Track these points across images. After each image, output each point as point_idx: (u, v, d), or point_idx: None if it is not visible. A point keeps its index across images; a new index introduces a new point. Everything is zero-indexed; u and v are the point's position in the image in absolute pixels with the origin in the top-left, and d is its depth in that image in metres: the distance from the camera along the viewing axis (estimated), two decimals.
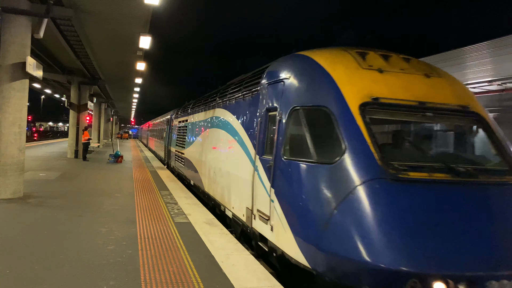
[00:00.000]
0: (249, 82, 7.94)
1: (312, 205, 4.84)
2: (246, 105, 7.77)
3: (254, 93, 7.34)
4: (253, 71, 8.32)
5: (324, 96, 5.29)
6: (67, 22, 14.01)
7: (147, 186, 13.70)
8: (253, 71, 8.30)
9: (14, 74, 10.13)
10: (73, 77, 24.74)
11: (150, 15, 13.02)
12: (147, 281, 5.05)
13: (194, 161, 13.30)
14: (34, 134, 59.29)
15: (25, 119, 10.69)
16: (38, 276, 5.08)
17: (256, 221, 6.54)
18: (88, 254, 6.04)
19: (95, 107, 36.44)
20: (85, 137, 22.75)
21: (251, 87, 7.68)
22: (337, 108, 5.05)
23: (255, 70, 8.18)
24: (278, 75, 6.42)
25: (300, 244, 4.95)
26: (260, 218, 6.29)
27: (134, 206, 9.94)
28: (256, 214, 6.50)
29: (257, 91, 7.23)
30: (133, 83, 29.23)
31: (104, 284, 4.91)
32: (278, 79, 6.35)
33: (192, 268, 5.63)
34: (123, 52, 18.69)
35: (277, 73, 6.54)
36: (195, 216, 9.17)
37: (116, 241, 6.80)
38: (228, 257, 6.20)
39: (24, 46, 10.39)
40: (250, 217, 6.86)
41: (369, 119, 4.94)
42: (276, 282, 5.28)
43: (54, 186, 12.65)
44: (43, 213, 8.77)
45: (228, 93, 9.63)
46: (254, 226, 6.67)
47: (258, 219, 6.38)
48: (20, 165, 10.49)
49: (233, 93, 9.03)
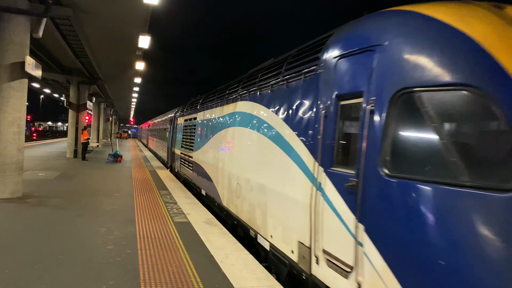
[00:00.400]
0: (298, 61, 5.82)
1: (468, 265, 2.87)
2: (292, 93, 5.71)
3: (308, 75, 5.30)
4: (301, 46, 6.25)
5: (466, 69, 3.25)
6: (66, 21, 14.00)
7: (146, 185, 13.69)
8: (302, 46, 6.18)
9: (13, 73, 10.12)
10: (72, 76, 24.75)
11: (149, 15, 13.01)
12: (146, 281, 5.05)
13: (207, 166, 11.18)
14: (33, 134, 59.27)
15: (24, 118, 10.69)
16: (37, 276, 5.07)
17: (321, 267, 4.49)
18: (87, 254, 6.03)
19: (94, 107, 36.42)
20: (84, 137, 22.76)
21: (301, 67, 5.60)
22: (498, 86, 3.04)
23: (305, 44, 6.11)
24: (360, 42, 4.28)
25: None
26: (330, 264, 4.28)
27: (133, 205, 9.94)
28: (321, 257, 4.47)
29: (313, 72, 5.16)
30: (132, 82, 29.23)
31: (104, 284, 4.90)
32: (361, 49, 4.21)
33: (191, 268, 5.63)
34: (122, 51, 18.70)
35: (356, 40, 4.41)
36: (194, 215, 9.17)
37: (115, 241, 6.79)
38: (227, 257, 6.20)
39: (23, 46, 10.38)
40: (307, 259, 4.80)
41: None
42: (275, 281, 5.28)
43: (53, 185, 12.63)
44: (42, 213, 8.76)
45: (257, 80, 7.44)
46: (316, 273, 4.60)
47: (326, 266, 4.37)
48: (19, 164, 10.48)
49: (267, 80, 6.92)
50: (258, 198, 6.66)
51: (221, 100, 10.21)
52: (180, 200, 11.15)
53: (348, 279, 3.92)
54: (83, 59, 20.90)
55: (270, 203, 6.14)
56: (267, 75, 7.00)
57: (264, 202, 6.40)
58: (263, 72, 7.34)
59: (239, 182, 7.83)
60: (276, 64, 6.86)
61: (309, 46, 5.70)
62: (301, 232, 4.97)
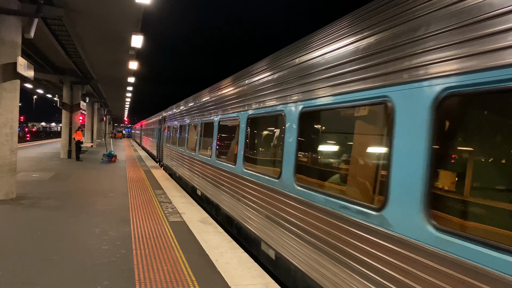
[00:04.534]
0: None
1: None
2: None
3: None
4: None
5: None
6: (58, 21, 13.91)
7: (141, 185, 13.67)
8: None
9: (4, 74, 10.05)
10: (65, 77, 24.58)
11: (141, 14, 12.96)
12: (141, 281, 5.07)
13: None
14: (27, 135, 58.82)
15: (17, 119, 10.63)
16: (32, 278, 5.07)
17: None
18: (82, 255, 6.03)
19: (88, 107, 36.22)
20: (78, 137, 22.66)
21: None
22: None
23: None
24: None
25: None
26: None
27: (128, 205, 9.93)
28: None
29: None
30: (125, 82, 29.10)
31: (98, 284, 4.91)
32: None
33: (186, 267, 5.65)
34: (115, 51, 18.60)
35: None
36: (189, 214, 9.19)
37: (110, 241, 6.79)
38: (222, 255, 6.23)
39: (14, 46, 10.31)
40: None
41: None
42: (270, 279, 5.32)
43: (47, 186, 12.58)
44: (36, 214, 8.73)
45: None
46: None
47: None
48: (12, 166, 10.42)
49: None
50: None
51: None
52: (175, 199, 11.16)
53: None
54: (76, 59, 20.78)
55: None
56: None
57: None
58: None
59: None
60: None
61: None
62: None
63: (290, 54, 5.89)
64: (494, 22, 2.60)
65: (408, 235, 3.12)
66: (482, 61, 2.64)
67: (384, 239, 3.38)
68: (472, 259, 2.59)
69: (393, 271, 3.25)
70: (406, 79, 3.30)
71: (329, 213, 4.31)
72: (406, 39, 3.38)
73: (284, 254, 5.35)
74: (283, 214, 5.45)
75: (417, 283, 2.99)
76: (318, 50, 4.99)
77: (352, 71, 4.11)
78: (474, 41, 2.73)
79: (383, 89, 3.57)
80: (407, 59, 3.33)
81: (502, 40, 2.53)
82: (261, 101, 6.76)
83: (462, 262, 2.65)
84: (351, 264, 3.83)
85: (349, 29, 4.38)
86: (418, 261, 3.00)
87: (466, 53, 2.77)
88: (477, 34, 2.71)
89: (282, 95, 5.87)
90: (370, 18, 4.03)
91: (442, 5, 3.06)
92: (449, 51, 2.93)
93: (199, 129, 12.05)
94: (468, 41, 2.77)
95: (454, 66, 2.85)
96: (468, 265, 2.61)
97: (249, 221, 6.86)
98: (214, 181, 9.62)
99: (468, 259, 2.62)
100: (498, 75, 2.53)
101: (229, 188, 8.22)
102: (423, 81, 3.10)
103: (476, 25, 2.73)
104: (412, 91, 3.22)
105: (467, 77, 2.74)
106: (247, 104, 7.51)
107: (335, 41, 4.63)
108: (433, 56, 3.06)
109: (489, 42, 2.61)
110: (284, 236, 5.38)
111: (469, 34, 2.77)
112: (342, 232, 4.04)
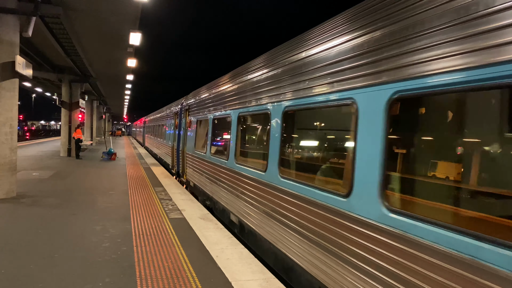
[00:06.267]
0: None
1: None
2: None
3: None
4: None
5: None
6: (56, 20, 13.88)
7: (141, 182, 13.71)
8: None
9: (3, 73, 10.05)
10: (63, 75, 24.57)
11: (139, 12, 12.95)
12: (142, 277, 5.10)
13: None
14: (26, 133, 58.78)
15: (16, 118, 10.64)
16: (33, 275, 5.11)
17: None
18: (83, 252, 6.07)
19: (87, 105, 36.22)
20: (77, 135, 22.69)
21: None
22: None
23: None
24: None
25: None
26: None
27: (128, 203, 9.96)
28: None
29: None
30: (124, 79, 29.07)
31: (100, 281, 4.95)
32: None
33: (187, 263, 5.69)
34: (114, 49, 18.58)
35: None
36: (189, 211, 9.22)
37: (111, 239, 6.83)
38: (222, 251, 6.26)
39: (12, 45, 10.30)
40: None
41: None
42: (270, 274, 5.36)
43: (47, 185, 12.61)
44: (37, 212, 8.76)
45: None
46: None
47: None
48: (12, 165, 10.45)
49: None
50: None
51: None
52: (175, 196, 11.19)
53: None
54: (74, 57, 20.76)
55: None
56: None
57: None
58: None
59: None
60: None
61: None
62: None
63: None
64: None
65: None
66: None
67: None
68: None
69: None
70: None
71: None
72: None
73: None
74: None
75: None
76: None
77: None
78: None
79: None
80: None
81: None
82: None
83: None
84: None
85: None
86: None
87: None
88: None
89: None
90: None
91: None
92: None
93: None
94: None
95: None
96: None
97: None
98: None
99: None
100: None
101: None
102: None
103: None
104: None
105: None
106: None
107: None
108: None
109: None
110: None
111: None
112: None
